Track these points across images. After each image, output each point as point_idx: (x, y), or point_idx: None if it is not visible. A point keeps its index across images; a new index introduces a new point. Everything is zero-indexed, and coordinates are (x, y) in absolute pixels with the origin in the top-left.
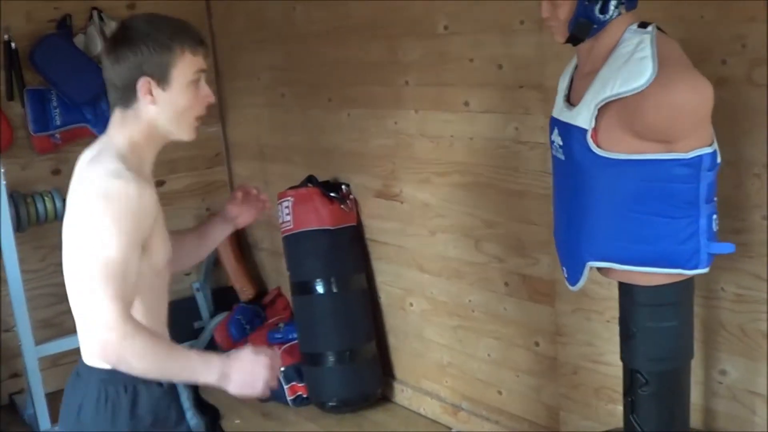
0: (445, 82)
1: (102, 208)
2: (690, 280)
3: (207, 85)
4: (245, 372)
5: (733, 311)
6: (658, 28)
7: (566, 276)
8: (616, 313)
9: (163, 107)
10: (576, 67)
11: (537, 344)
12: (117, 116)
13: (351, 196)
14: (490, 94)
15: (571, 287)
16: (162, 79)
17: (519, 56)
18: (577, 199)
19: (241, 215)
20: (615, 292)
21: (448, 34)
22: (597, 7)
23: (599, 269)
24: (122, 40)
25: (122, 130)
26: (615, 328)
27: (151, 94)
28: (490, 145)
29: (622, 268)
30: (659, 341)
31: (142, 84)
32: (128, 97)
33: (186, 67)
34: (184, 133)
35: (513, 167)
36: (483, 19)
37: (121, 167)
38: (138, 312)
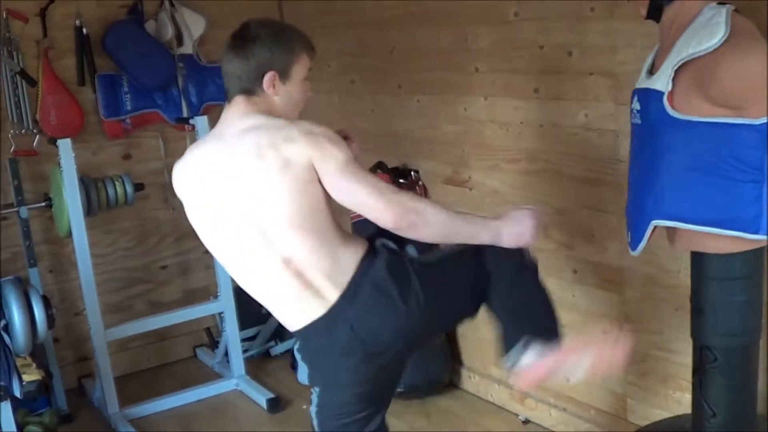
0: (515, 69)
1: (309, 141)
2: (760, 253)
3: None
4: (516, 227)
5: None
6: (736, 10)
7: (629, 240)
8: (685, 301)
9: (281, 98)
10: (658, 48)
11: (605, 331)
12: (240, 100)
13: (420, 183)
14: (560, 81)
15: (632, 251)
16: (284, 74)
17: (589, 43)
18: (649, 159)
19: None
20: (684, 280)
21: (518, 21)
22: None
23: (668, 236)
24: (251, 38)
25: (255, 107)
26: (684, 316)
27: (273, 86)
28: (560, 132)
29: (685, 227)
30: (729, 316)
31: (269, 77)
32: (252, 86)
33: (302, 66)
34: (293, 117)
35: (582, 155)
36: (553, 5)
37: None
38: None
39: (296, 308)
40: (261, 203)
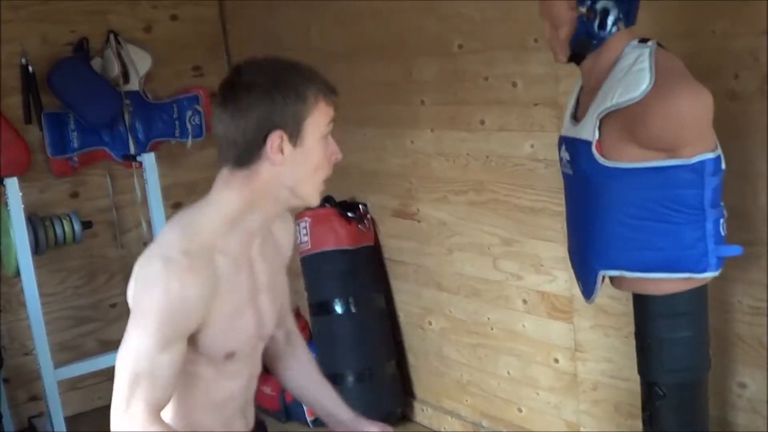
0: (461, 100)
1: (136, 297)
2: (703, 289)
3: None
4: None
5: (750, 324)
6: (659, 44)
7: (581, 290)
8: (633, 328)
9: (292, 167)
10: (582, 87)
11: (556, 361)
12: (223, 177)
13: (368, 216)
14: (505, 111)
15: (586, 301)
16: (294, 132)
17: (533, 74)
18: (587, 210)
19: None
20: (632, 307)
21: (462, 53)
22: (596, 23)
23: (612, 282)
24: (245, 87)
25: (223, 194)
26: (633, 343)
27: (281, 151)
28: (506, 162)
29: (633, 276)
30: (675, 352)
31: (273, 139)
32: (249, 153)
33: (321, 119)
34: (310, 197)
35: (529, 185)
36: (497, 37)
37: (177, 249)
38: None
39: None
40: None
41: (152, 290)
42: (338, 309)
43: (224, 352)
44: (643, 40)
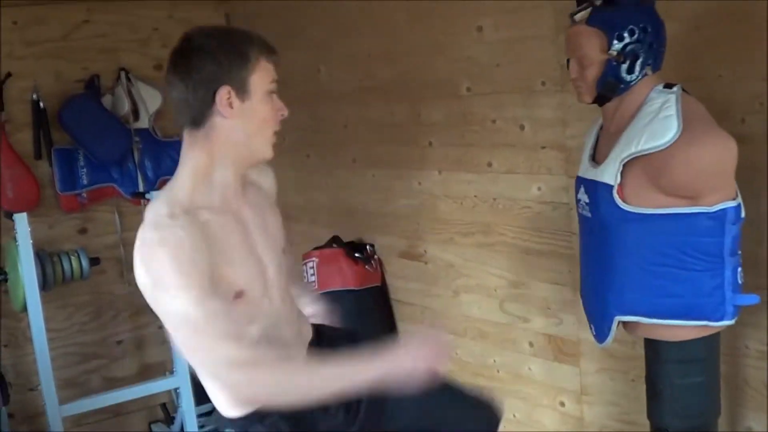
0: (469, 142)
1: (141, 273)
2: (716, 336)
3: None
4: (410, 360)
5: (757, 368)
6: (683, 89)
7: (594, 333)
8: (640, 372)
9: (242, 120)
10: (601, 127)
11: (562, 404)
12: (186, 140)
13: (375, 257)
14: (513, 154)
15: (599, 344)
16: (241, 88)
17: (541, 117)
18: (604, 254)
19: None
20: (639, 351)
21: (470, 95)
22: (625, 68)
23: (625, 326)
24: (194, 50)
25: (189, 155)
26: (640, 387)
27: (230, 106)
28: (514, 205)
29: (649, 322)
30: (686, 398)
31: (222, 94)
32: (202, 112)
33: (264, 75)
34: (263, 148)
35: (536, 227)
36: (505, 80)
37: (163, 214)
38: (255, 341)
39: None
40: None
41: (157, 256)
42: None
43: (233, 293)
44: (668, 85)
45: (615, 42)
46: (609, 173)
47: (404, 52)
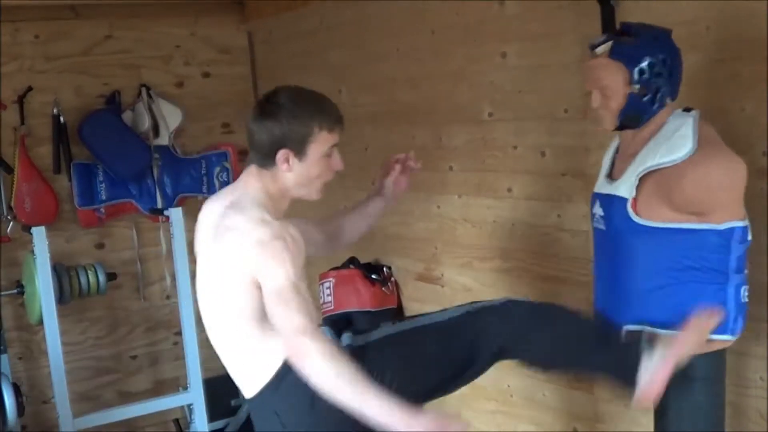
0: (489, 168)
1: (258, 253)
2: (721, 356)
3: (338, 155)
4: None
5: (758, 398)
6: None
7: None
8: None
9: (296, 175)
10: (617, 149)
11: (575, 431)
12: (253, 171)
13: (392, 279)
14: (533, 181)
15: None
16: (299, 151)
17: (562, 144)
18: (616, 265)
19: (394, 185)
20: None
21: (492, 121)
22: (647, 100)
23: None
24: (269, 113)
25: (258, 183)
26: (653, 415)
27: (288, 163)
28: (533, 231)
29: (654, 331)
30: (693, 416)
31: (282, 155)
32: (268, 161)
33: (322, 143)
34: (312, 194)
35: (554, 254)
36: (527, 106)
37: (264, 214)
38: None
39: (237, 380)
40: (209, 281)
41: (273, 244)
42: None
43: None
44: (687, 109)
45: (636, 76)
46: (625, 187)
47: (427, 76)
